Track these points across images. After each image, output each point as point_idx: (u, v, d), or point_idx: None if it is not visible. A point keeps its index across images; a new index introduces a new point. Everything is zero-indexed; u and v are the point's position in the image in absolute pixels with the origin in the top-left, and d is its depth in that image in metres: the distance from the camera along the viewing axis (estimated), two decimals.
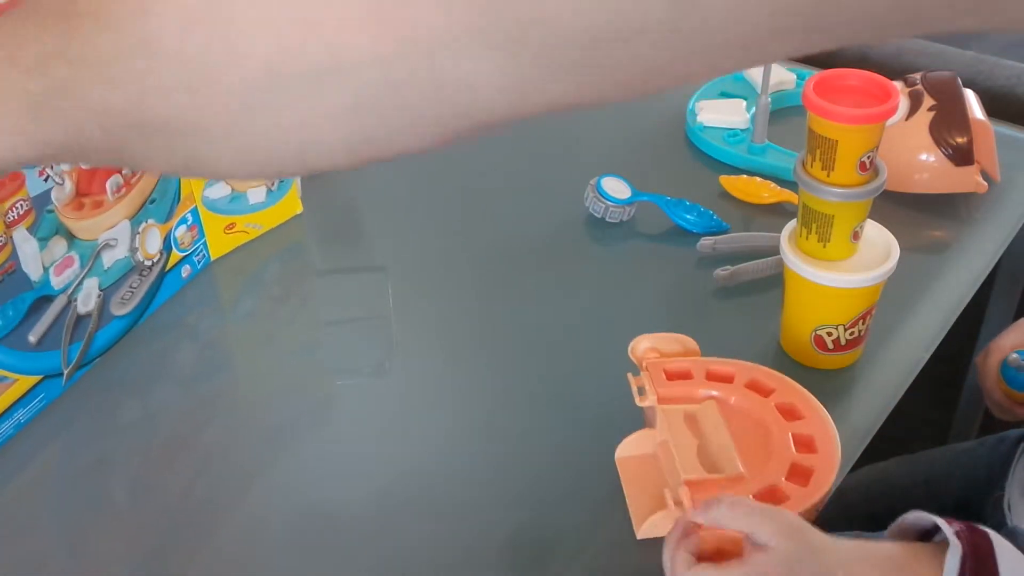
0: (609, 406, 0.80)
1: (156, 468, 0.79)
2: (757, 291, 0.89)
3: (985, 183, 0.99)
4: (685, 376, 0.75)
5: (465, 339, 0.89)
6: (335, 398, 0.85)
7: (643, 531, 0.71)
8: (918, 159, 0.98)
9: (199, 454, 0.79)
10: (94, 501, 0.76)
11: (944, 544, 0.61)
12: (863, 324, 0.80)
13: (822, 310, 0.79)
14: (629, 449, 0.75)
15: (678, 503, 0.66)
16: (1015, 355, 0.89)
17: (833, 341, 0.80)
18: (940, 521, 0.63)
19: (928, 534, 0.65)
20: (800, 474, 0.68)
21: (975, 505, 0.75)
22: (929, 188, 0.99)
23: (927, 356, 0.85)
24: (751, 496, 0.66)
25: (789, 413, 0.72)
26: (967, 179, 0.98)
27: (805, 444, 0.70)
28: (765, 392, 0.74)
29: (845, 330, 0.79)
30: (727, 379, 0.75)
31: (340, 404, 0.84)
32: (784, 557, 0.61)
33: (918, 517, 0.65)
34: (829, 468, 0.68)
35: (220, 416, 0.84)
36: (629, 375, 0.75)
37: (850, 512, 1.03)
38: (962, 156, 0.97)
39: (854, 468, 1.00)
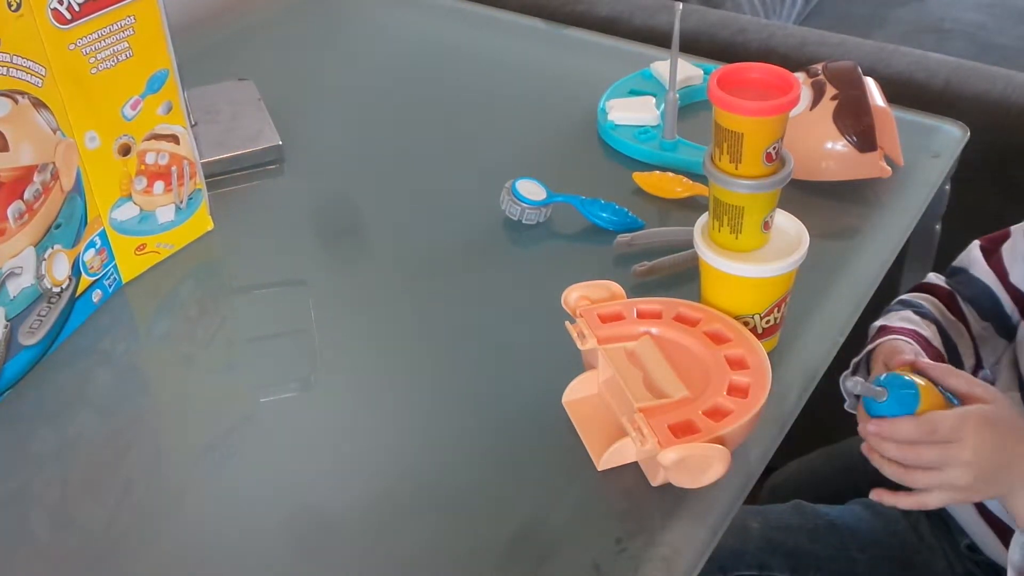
0: (541, 399, 0.80)
1: (77, 498, 0.77)
2: (675, 284, 0.90)
3: (889, 168, 1.01)
4: (617, 318, 0.80)
5: (390, 349, 0.89)
6: (260, 416, 0.83)
7: (603, 462, 0.75)
8: (823, 148, 1.00)
9: (121, 481, 0.78)
10: (13, 536, 0.74)
11: None
12: (778, 312, 0.82)
13: (738, 300, 0.80)
14: (574, 393, 0.80)
15: (637, 429, 0.70)
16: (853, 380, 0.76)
17: (750, 330, 0.81)
18: None
19: None
20: (739, 389, 0.74)
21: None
22: (835, 175, 1.01)
23: (842, 339, 0.87)
24: (700, 412, 0.72)
25: (717, 338, 0.78)
26: (871, 165, 1.01)
27: (737, 363, 0.76)
28: (692, 323, 0.80)
29: (761, 319, 0.81)
30: (656, 316, 0.80)
31: (265, 422, 0.83)
32: (998, 410, 0.74)
33: None
34: (763, 382, 0.74)
35: (141, 441, 0.82)
36: (567, 324, 0.79)
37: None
38: (865, 143, 1.00)
39: (784, 462, 1.01)
